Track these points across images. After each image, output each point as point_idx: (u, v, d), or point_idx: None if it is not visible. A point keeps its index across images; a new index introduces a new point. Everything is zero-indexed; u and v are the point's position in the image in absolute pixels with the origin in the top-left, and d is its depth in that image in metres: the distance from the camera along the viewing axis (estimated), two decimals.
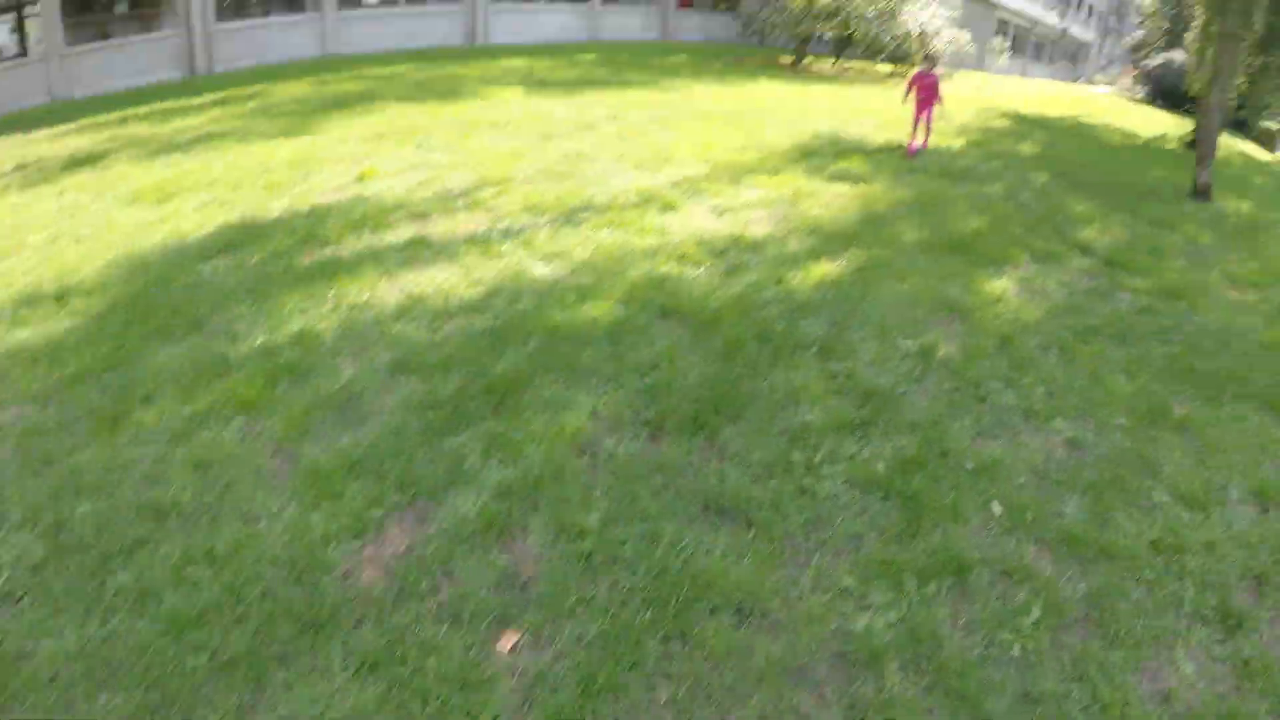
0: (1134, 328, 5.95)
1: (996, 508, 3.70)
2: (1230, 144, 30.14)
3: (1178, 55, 46.94)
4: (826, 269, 6.09)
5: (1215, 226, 10.73)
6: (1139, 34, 61.38)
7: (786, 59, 24.86)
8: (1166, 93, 50.05)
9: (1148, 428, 4.57)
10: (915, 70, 11.46)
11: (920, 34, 23.78)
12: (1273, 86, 18.46)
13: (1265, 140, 35.92)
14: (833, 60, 27.14)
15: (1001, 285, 6.28)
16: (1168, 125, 33.50)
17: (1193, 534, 3.68)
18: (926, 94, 11.24)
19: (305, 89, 13.57)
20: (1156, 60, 53.22)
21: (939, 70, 11.56)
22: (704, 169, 8.76)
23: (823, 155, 10.04)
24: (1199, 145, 13.08)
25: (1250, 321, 6.90)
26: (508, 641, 2.84)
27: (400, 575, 3.07)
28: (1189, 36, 29.15)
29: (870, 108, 15.21)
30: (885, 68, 26.74)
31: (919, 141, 11.19)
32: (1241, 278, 8.37)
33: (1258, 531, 3.84)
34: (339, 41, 20.91)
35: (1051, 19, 50.79)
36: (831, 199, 8.11)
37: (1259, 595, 3.42)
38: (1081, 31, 60.25)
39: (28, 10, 16.46)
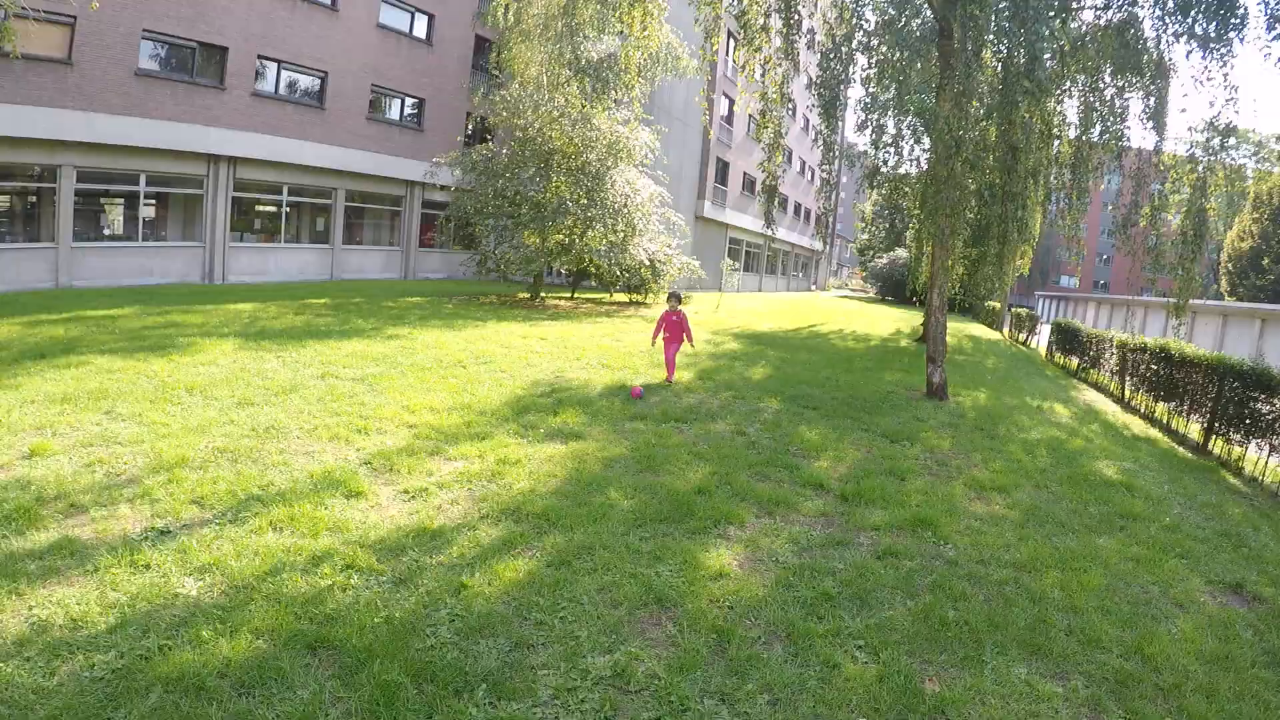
0: (875, 583, 5.56)
1: None
2: (960, 329, 33.76)
3: (902, 252, 53.36)
4: (517, 566, 5.32)
5: (954, 428, 11.16)
6: (863, 237, 69.78)
7: (524, 294, 25.52)
8: (895, 287, 56.57)
9: None
10: (664, 310, 12.30)
11: (651, 264, 25.16)
12: (990, 273, 20.64)
13: (991, 319, 40.55)
14: (570, 293, 28.19)
15: (722, 557, 5.77)
16: (899, 320, 37.24)
17: None
18: (673, 333, 12.05)
19: (14, 331, 12.34)
20: (883, 260, 60.32)
21: (685, 309, 12.46)
22: (405, 438, 8.05)
23: (538, 410, 9.62)
24: (928, 346, 14.02)
25: (1002, 539, 6.82)
26: None
27: None
28: (909, 235, 33.10)
29: (599, 345, 15.38)
30: (621, 297, 28.04)
31: (641, 389, 11.31)
32: (986, 483, 8.51)
33: None
34: (73, 274, 20.81)
35: (781, 233, 56.21)
36: (539, 465, 7.54)
37: None
38: (811, 242, 67.21)
39: None
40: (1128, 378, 16.75)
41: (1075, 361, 21.90)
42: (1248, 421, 11.23)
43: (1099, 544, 7.02)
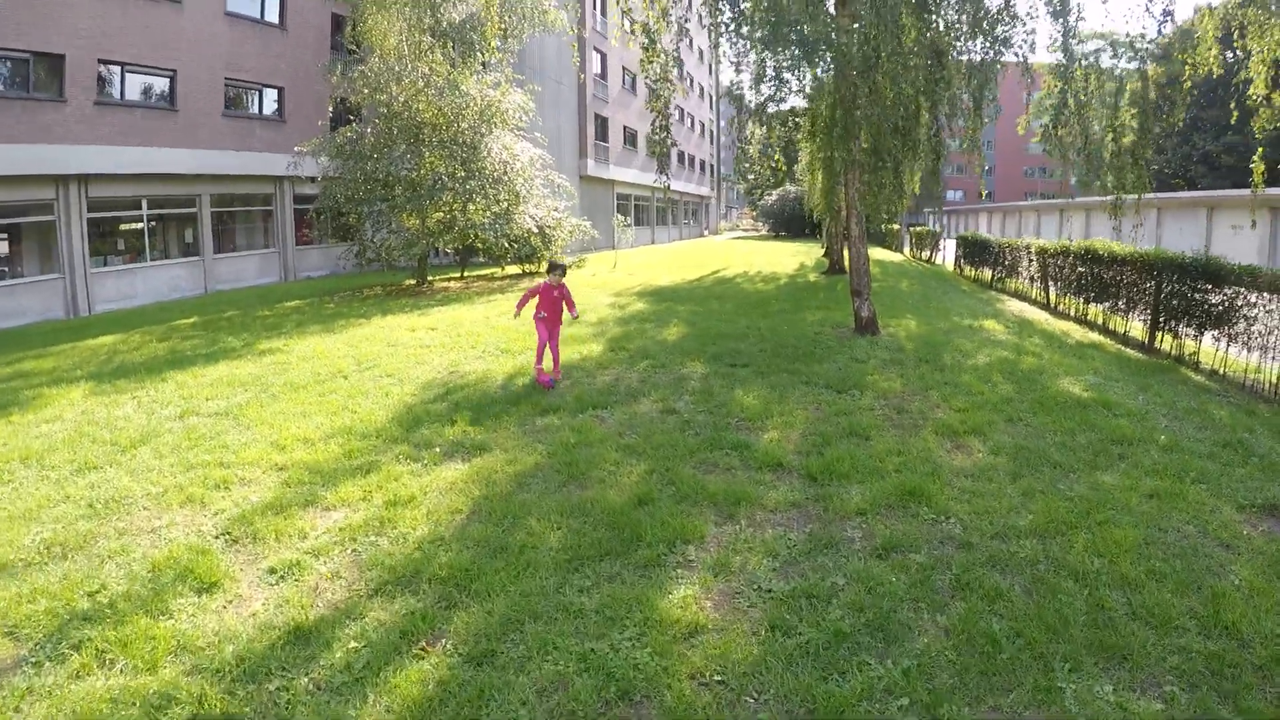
0: (890, 598, 4.28)
1: None
2: None
3: (792, 188, 52.64)
4: (422, 674, 3.73)
5: (899, 365, 10.11)
6: (750, 178, 69.00)
7: (411, 281, 23.79)
8: (787, 223, 56.07)
9: None
10: (537, 282, 9.84)
11: (540, 230, 23.64)
12: (887, 196, 19.74)
13: (891, 241, 40.13)
14: (459, 273, 26.42)
15: (689, 599, 4.36)
16: (799, 255, 36.46)
17: None
18: (553, 312, 9.49)
19: None
20: (772, 197, 59.68)
21: (564, 281, 9.64)
22: (272, 487, 6.36)
23: (433, 420, 8.04)
24: (852, 279, 12.92)
25: (1005, 499, 5.76)
26: None
27: None
28: (800, 168, 32.05)
29: (495, 327, 13.80)
30: (514, 269, 26.41)
31: (550, 375, 9.56)
32: (958, 427, 7.44)
33: None
34: None
35: (665, 182, 54.84)
36: (439, 500, 5.98)
37: None
38: (698, 188, 66.20)
39: None
40: (1051, 283, 15.99)
41: (989, 273, 21.20)
42: (1198, 315, 10.44)
43: (1107, 483, 6.01)
